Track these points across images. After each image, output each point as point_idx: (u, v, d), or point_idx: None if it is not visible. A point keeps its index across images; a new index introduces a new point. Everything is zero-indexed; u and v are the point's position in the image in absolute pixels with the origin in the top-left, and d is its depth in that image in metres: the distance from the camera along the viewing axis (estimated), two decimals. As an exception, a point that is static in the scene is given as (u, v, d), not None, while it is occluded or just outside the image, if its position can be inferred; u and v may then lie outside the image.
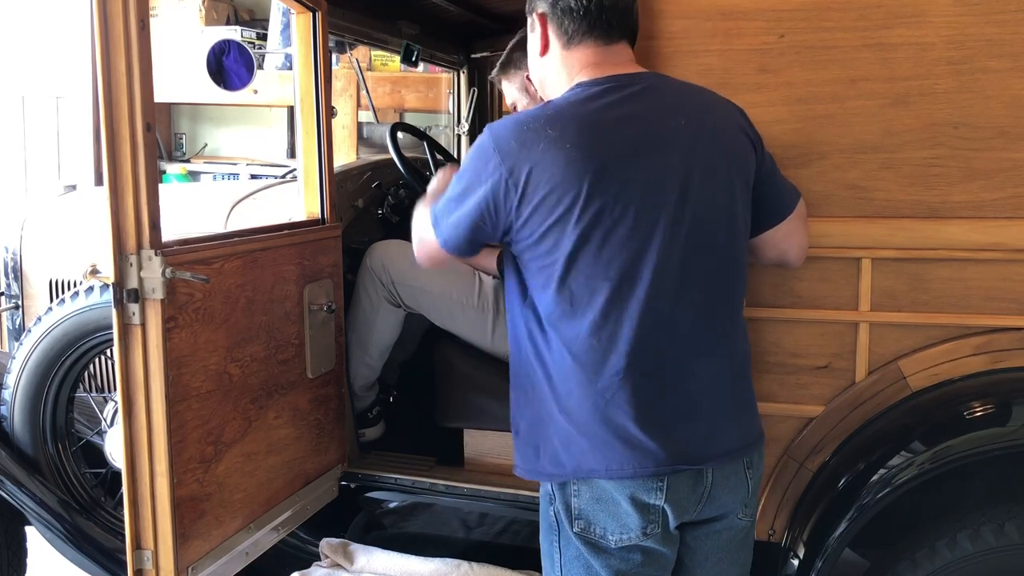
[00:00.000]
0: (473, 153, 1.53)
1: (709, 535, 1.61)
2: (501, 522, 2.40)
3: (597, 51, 1.56)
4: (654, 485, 1.49)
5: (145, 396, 1.74)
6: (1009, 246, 1.76)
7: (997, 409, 1.79)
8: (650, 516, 1.51)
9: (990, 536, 1.70)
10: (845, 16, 1.77)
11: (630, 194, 1.45)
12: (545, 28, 1.59)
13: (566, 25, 1.56)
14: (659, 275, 1.47)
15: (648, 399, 1.48)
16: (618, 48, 1.58)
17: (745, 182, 1.58)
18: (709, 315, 1.53)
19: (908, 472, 1.73)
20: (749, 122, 1.64)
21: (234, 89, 2.45)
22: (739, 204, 1.57)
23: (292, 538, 2.30)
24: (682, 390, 1.50)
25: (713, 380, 1.53)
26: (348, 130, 5.03)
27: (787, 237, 1.71)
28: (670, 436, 1.48)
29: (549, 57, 1.61)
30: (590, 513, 1.53)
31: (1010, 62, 1.72)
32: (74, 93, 5.31)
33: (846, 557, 1.83)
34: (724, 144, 1.55)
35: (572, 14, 1.55)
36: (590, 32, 1.55)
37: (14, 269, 2.77)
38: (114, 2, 1.65)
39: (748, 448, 1.58)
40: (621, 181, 1.45)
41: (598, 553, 1.54)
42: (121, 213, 1.69)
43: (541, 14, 1.59)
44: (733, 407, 1.57)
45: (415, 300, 2.45)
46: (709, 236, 1.52)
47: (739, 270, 1.59)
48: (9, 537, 2.48)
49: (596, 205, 1.44)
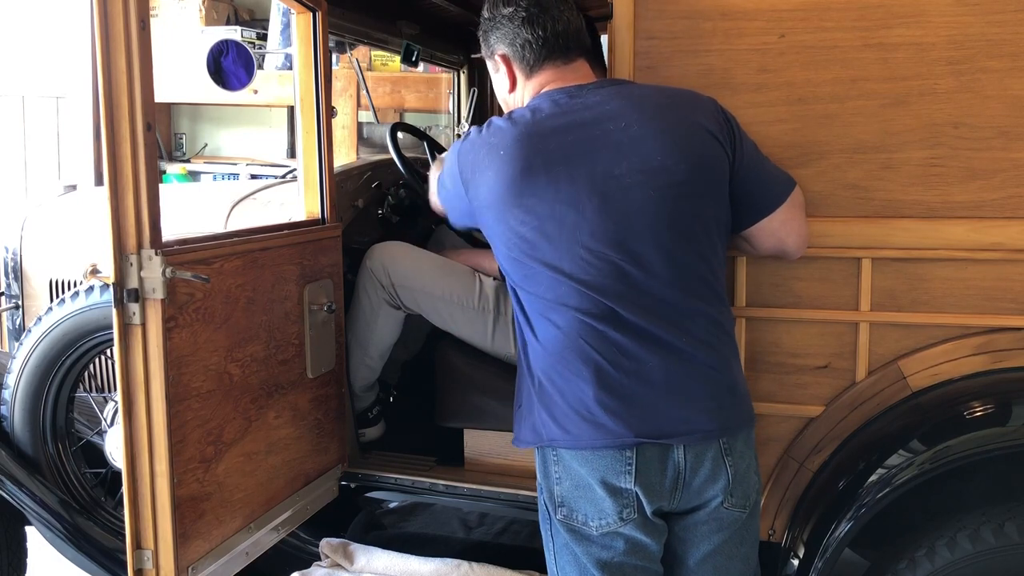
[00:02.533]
0: (450, 155, 1.76)
1: (696, 525, 1.64)
2: (501, 522, 2.41)
3: (557, 70, 1.73)
4: (621, 467, 1.56)
5: (145, 396, 1.74)
6: (1009, 246, 1.76)
7: (997, 409, 1.79)
8: (623, 500, 1.57)
9: (990, 536, 1.70)
10: (845, 16, 1.77)
11: (565, 192, 1.58)
12: (510, 66, 1.77)
13: (528, 58, 1.73)
14: (604, 263, 1.57)
15: (607, 380, 1.57)
16: (576, 65, 1.75)
17: (710, 181, 1.63)
18: (664, 302, 1.59)
19: (908, 472, 1.73)
20: (724, 118, 1.68)
21: (234, 89, 2.45)
22: (697, 201, 1.61)
23: (292, 538, 2.31)
24: (641, 373, 1.57)
25: (676, 365, 1.57)
26: (348, 130, 5.03)
27: (783, 225, 1.73)
28: (628, 410, 1.56)
29: (516, 91, 1.78)
30: (571, 500, 1.61)
31: (1010, 62, 1.72)
32: (74, 93, 5.31)
33: (846, 557, 1.83)
34: (674, 144, 1.61)
35: (531, 46, 1.72)
36: (550, 57, 1.73)
37: (14, 269, 2.77)
38: (114, 2, 1.65)
39: (724, 431, 1.60)
40: (554, 180, 1.58)
41: (580, 541, 1.61)
42: (121, 213, 1.69)
43: (503, 55, 1.77)
44: (708, 389, 1.60)
45: (415, 302, 2.45)
46: (658, 229, 1.58)
47: (701, 260, 1.62)
48: (9, 537, 2.48)
49: (532, 203, 1.59)
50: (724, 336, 1.64)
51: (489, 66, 1.84)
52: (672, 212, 1.59)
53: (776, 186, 1.73)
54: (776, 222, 1.72)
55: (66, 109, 5.41)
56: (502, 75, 1.79)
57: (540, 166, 1.59)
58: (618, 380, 1.57)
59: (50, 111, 5.43)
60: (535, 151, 1.60)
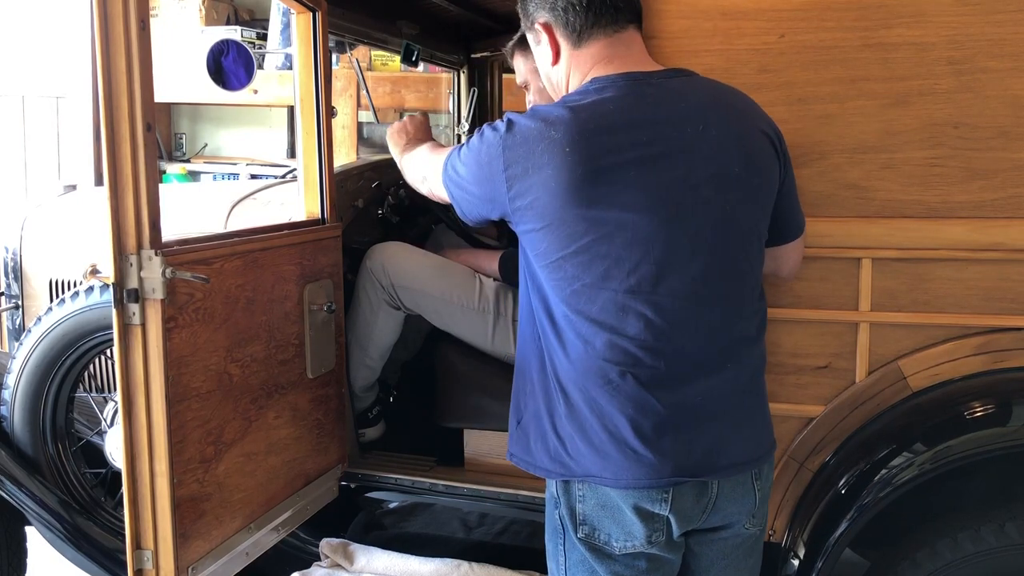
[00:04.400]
0: (482, 144, 1.51)
1: (714, 542, 1.59)
2: (501, 522, 2.40)
3: (608, 43, 1.52)
4: (658, 496, 1.47)
5: (145, 396, 1.74)
6: (1009, 246, 1.76)
7: (997, 409, 1.79)
8: (655, 525, 1.49)
9: (991, 536, 1.70)
10: (845, 16, 1.77)
11: (637, 201, 1.42)
12: (552, 35, 1.56)
13: (572, 22, 1.52)
14: (669, 283, 1.44)
15: (650, 409, 1.46)
16: (628, 36, 1.53)
17: (768, 194, 1.55)
18: (718, 327, 1.49)
19: (908, 472, 1.73)
20: (777, 131, 1.58)
21: (234, 89, 2.45)
22: (758, 215, 1.54)
23: (292, 538, 2.30)
24: (686, 402, 1.48)
25: (720, 392, 1.50)
26: (348, 130, 5.03)
27: (786, 255, 1.70)
28: (671, 448, 1.46)
29: (561, 63, 1.57)
30: (595, 519, 1.51)
31: (1010, 62, 1.72)
32: (74, 93, 5.31)
33: (846, 557, 1.83)
34: (748, 152, 1.50)
35: (575, 9, 1.51)
36: (598, 22, 1.51)
37: (14, 269, 2.77)
38: (114, 2, 1.64)
39: (757, 460, 1.55)
40: (625, 187, 1.42)
41: (602, 559, 1.52)
42: (121, 213, 1.69)
43: (544, 23, 1.56)
44: (742, 418, 1.54)
45: (415, 302, 2.45)
46: (723, 247, 1.48)
47: (754, 281, 1.56)
48: (9, 537, 2.48)
49: (597, 212, 1.42)
50: (757, 352, 1.58)
51: (530, 39, 1.63)
52: (739, 227, 1.49)
53: (794, 222, 1.66)
54: (780, 252, 1.68)
55: (66, 109, 5.41)
56: (544, 47, 1.58)
57: (609, 168, 1.41)
58: (658, 409, 1.45)
59: (50, 111, 5.43)
60: (604, 150, 1.41)
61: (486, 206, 1.53)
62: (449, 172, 1.61)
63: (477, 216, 1.58)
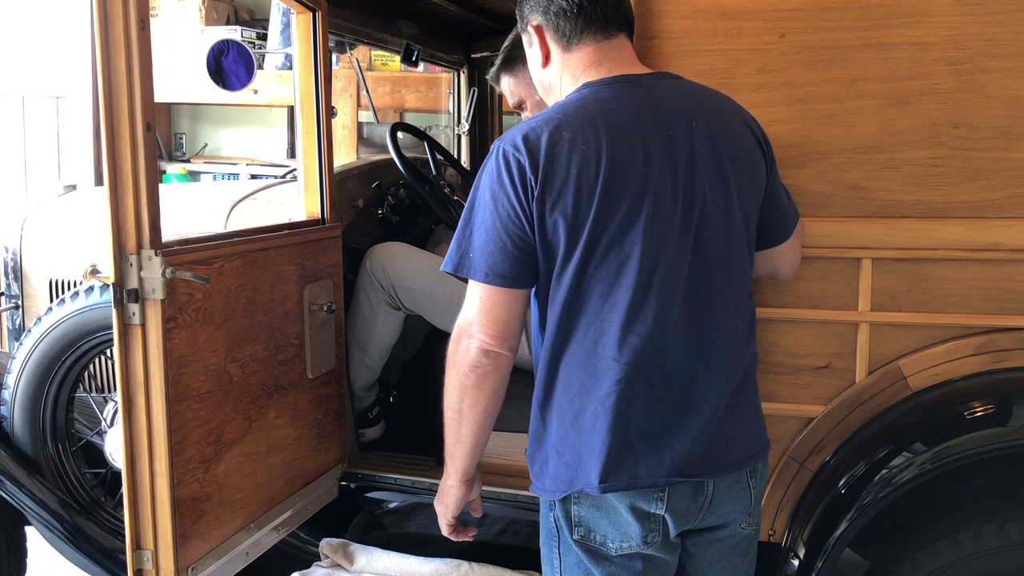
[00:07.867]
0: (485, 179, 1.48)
1: (711, 542, 1.60)
2: (501, 522, 2.40)
3: (598, 48, 1.54)
4: (654, 495, 1.48)
5: (145, 396, 1.74)
6: (1009, 246, 1.76)
7: (997, 409, 1.79)
8: (651, 525, 1.50)
9: (991, 536, 1.70)
10: (845, 16, 1.77)
11: (639, 200, 1.43)
12: (543, 38, 1.57)
13: (563, 27, 1.54)
14: (665, 285, 1.45)
15: (646, 410, 1.46)
16: (618, 42, 1.55)
17: (756, 193, 1.56)
18: (712, 325, 1.50)
19: (908, 472, 1.73)
20: (763, 133, 1.60)
21: (234, 89, 2.45)
22: (749, 211, 1.54)
23: (292, 538, 2.31)
24: (682, 402, 1.48)
25: (715, 391, 1.50)
26: (348, 130, 5.03)
27: (782, 255, 1.70)
28: (668, 448, 1.47)
29: (551, 66, 1.59)
30: (590, 520, 1.51)
31: (1010, 62, 1.72)
32: (74, 93, 5.31)
33: (846, 557, 1.83)
34: (737, 152, 1.51)
35: (567, 14, 1.53)
36: (588, 28, 1.53)
37: (14, 269, 2.77)
38: (114, 2, 1.65)
39: (752, 459, 1.56)
40: (630, 187, 1.42)
41: (598, 560, 1.52)
42: (121, 213, 1.69)
43: (536, 26, 1.57)
44: (736, 418, 1.54)
45: (415, 303, 2.45)
46: (716, 247, 1.49)
47: (745, 279, 1.57)
48: (9, 537, 2.48)
49: (607, 210, 1.42)
50: (750, 351, 1.58)
51: (524, 41, 1.65)
52: (732, 223, 1.50)
53: (787, 218, 1.67)
54: (777, 252, 1.68)
55: (66, 109, 5.42)
56: (535, 49, 1.59)
57: (627, 170, 1.42)
58: (653, 408, 1.46)
59: (50, 111, 5.43)
60: (621, 151, 1.42)
61: (508, 241, 1.47)
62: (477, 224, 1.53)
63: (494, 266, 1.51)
